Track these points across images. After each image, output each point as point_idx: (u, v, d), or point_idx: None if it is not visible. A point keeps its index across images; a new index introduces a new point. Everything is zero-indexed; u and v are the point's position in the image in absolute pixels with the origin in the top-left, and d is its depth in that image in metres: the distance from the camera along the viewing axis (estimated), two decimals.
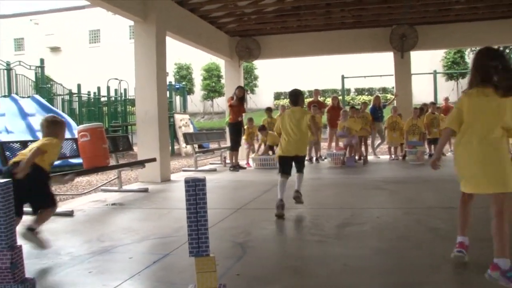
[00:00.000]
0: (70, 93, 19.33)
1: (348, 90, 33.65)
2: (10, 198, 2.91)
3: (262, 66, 35.36)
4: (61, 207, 6.07)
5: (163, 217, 5.73)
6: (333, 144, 12.86)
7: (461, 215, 3.51)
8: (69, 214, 5.81)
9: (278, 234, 4.61)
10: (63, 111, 17.12)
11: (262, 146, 12.08)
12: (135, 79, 9.42)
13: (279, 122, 5.87)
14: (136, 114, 9.90)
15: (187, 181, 2.55)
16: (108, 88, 21.93)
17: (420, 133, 11.84)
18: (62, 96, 19.16)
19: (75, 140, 7.16)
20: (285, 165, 5.63)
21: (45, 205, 4.12)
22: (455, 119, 3.30)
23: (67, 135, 9.58)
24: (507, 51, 38.76)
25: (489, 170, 3.15)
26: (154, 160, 8.65)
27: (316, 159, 12.34)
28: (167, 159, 9.83)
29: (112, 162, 7.78)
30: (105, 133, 7.43)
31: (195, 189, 2.54)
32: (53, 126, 4.31)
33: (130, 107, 22.10)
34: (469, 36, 13.62)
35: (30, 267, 3.48)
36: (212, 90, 36.62)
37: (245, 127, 11.93)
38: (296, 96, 5.92)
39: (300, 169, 5.78)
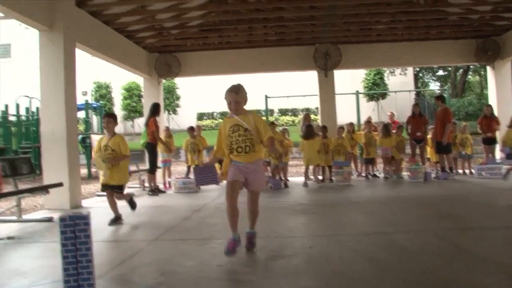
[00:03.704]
0: None
1: (272, 111, 33.55)
2: None
3: (184, 86, 34.54)
4: None
5: None
6: None
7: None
8: None
9: (197, 272, 3.82)
10: None
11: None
12: (40, 94, 8.49)
13: None
14: (41, 134, 8.91)
15: (62, 219, 1.86)
16: (18, 106, 20.16)
17: (345, 153, 11.51)
18: None
19: None
20: None
21: None
22: None
23: None
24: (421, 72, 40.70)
25: None
26: (60, 185, 7.71)
27: None
28: (78, 183, 8.91)
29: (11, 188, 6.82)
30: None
31: (74, 230, 1.81)
32: None
33: None
34: (390, 56, 13.87)
35: None
36: (133, 110, 35.23)
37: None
38: None
39: None
